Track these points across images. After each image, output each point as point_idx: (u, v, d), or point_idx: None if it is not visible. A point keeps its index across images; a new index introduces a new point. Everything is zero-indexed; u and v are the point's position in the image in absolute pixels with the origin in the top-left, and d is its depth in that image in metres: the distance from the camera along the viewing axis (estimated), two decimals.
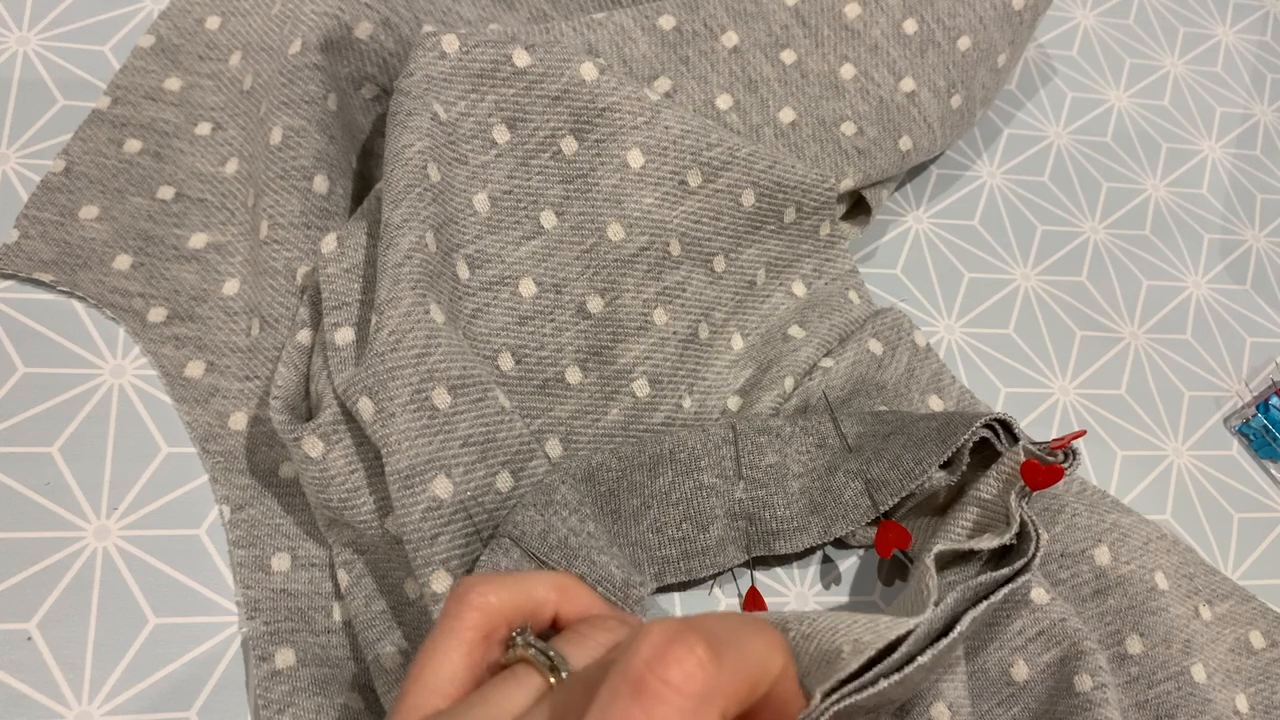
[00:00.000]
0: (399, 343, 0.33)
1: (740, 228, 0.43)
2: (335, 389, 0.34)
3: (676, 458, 0.38)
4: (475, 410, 0.34)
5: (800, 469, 0.38)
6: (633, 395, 0.40)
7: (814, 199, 0.44)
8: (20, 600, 0.33)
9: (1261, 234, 0.55)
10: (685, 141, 0.41)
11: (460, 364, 0.34)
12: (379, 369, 0.33)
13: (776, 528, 0.37)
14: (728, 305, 0.43)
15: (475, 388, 0.34)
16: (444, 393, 0.34)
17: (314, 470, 0.34)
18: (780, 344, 0.43)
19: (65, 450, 0.36)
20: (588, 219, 0.40)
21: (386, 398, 0.33)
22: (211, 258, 0.41)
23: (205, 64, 0.45)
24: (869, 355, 0.42)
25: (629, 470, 0.38)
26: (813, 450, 0.39)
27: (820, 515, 0.37)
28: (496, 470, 0.34)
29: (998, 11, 0.47)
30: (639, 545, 0.37)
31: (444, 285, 0.37)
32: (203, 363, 0.39)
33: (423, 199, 0.36)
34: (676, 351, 0.41)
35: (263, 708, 0.33)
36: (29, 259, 0.39)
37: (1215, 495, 0.45)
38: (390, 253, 0.35)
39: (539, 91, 0.40)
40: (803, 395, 0.41)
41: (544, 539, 0.33)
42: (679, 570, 0.37)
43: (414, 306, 0.34)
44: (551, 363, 0.39)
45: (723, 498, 0.37)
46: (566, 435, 0.39)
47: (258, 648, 0.34)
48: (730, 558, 0.37)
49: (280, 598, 0.35)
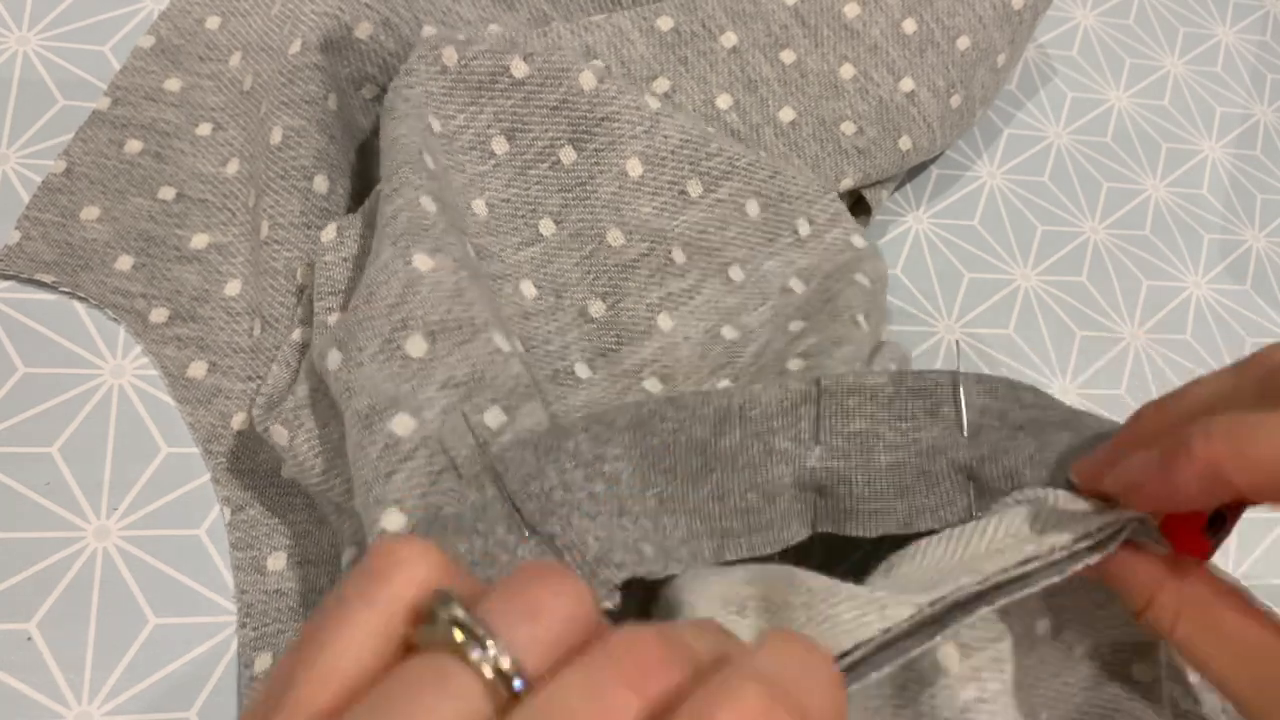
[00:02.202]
0: (372, 295, 0.32)
1: (752, 238, 0.43)
2: (311, 360, 0.33)
3: (748, 415, 0.32)
4: (459, 353, 0.32)
5: (897, 439, 0.31)
6: (645, 392, 0.40)
7: (821, 210, 0.44)
8: (20, 600, 0.33)
9: (1261, 234, 0.55)
10: (684, 151, 0.41)
11: (445, 306, 0.32)
12: (349, 320, 0.32)
13: (851, 505, 0.31)
14: (756, 311, 0.42)
15: (462, 329, 0.32)
16: (419, 339, 0.31)
17: (288, 458, 0.33)
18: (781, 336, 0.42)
19: (65, 450, 0.36)
20: (587, 225, 0.40)
21: (355, 348, 0.31)
22: (213, 258, 0.41)
23: (205, 64, 0.45)
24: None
25: (689, 423, 0.31)
26: (920, 418, 0.32)
27: (906, 501, 0.31)
28: (484, 407, 0.31)
29: (997, 11, 0.47)
30: (696, 514, 0.31)
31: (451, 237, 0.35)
32: (205, 363, 0.39)
33: (417, 172, 0.36)
34: (693, 351, 0.41)
35: (240, 716, 0.33)
36: (30, 260, 0.39)
37: None
38: (379, 219, 0.35)
39: (537, 102, 0.40)
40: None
41: (526, 483, 0.28)
42: (741, 546, 0.31)
43: (392, 259, 0.33)
44: (560, 357, 0.39)
45: (793, 465, 0.31)
46: None
47: (244, 654, 0.34)
48: (794, 533, 0.31)
49: (273, 598, 0.35)
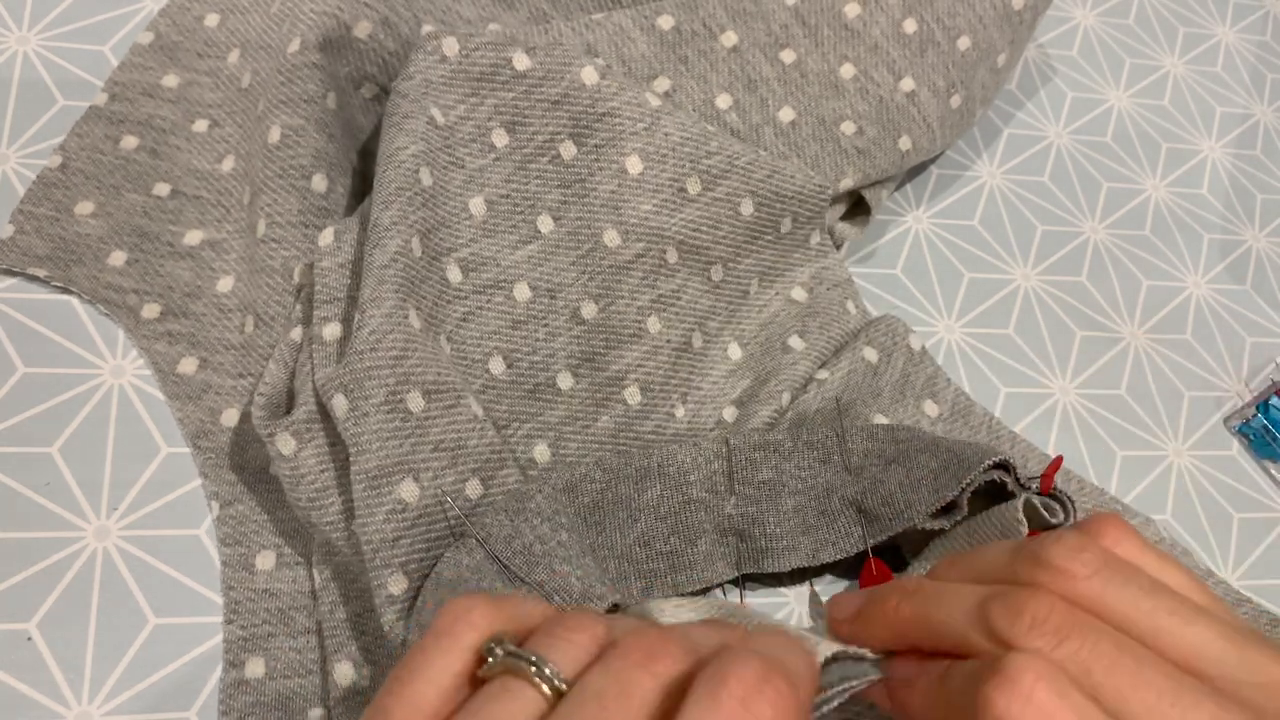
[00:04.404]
0: (379, 343, 0.33)
1: (739, 237, 0.43)
2: (315, 384, 0.34)
3: (665, 472, 0.37)
4: (448, 416, 0.34)
5: (798, 485, 0.37)
6: (624, 403, 0.40)
7: (809, 209, 0.44)
8: (20, 600, 0.33)
9: (1261, 234, 0.55)
10: (684, 149, 0.41)
11: (434, 370, 0.34)
12: (356, 367, 0.33)
13: (766, 545, 0.37)
14: (722, 314, 0.43)
15: (448, 394, 0.34)
16: (419, 397, 0.33)
17: (286, 467, 0.34)
18: (780, 355, 0.42)
19: (65, 450, 0.36)
20: (584, 224, 0.40)
21: (361, 396, 0.33)
22: (206, 255, 0.41)
23: (203, 61, 0.45)
24: (864, 364, 0.42)
25: (614, 483, 0.37)
26: (815, 466, 0.38)
27: (811, 537, 0.37)
28: (466, 477, 0.34)
29: (997, 11, 0.47)
30: (625, 558, 0.36)
31: (427, 291, 0.37)
32: (196, 359, 0.39)
33: (412, 203, 0.36)
34: (670, 360, 0.41)
35: (223, 714, 0.33)
36: (24, 254, 0.39)
37: (1215, 495, 0.45)
38: (377, 253, 0.35)
39: (539, 95, 0.40)
40: (799, 408, 0.40)
41: (509, 543, 0.33)
42: (666, 584, 0.36)
43: (395, 309, 0.34)
44: (543, 367, 0.39)
45: (712, 512, 0.37)
46: (555, 441, 0.39)
47: (230, 652, 0.34)
48: (719, 573, 0.37)
49: (261, 598, 0.35)
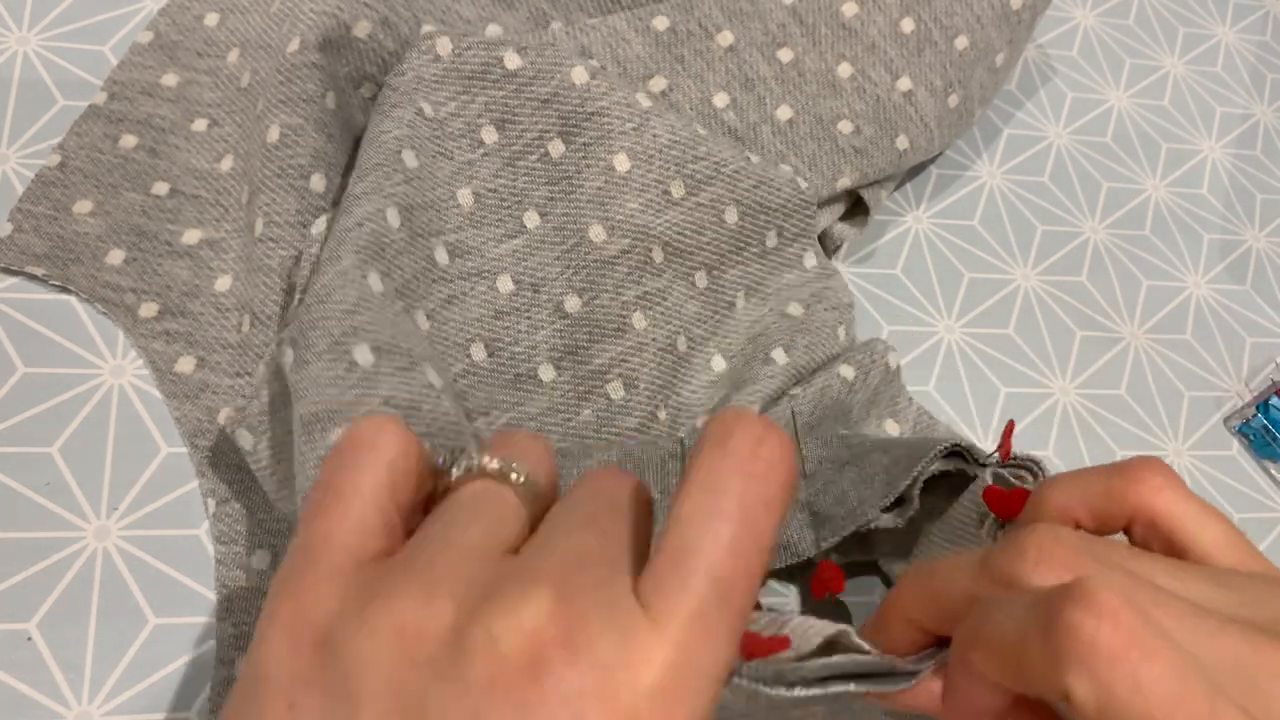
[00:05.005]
0: (328, 296, 0.32)
1: (724, 245, 0.43)
2: (265, 370, 0.33)
3: (624, 470, 0.36)
4: (400, 376, 0.32)
5: None
6: (607, 397, 0.39)
7: (795, 224, 0.44)
8: (20, 600, 0.33)
9: (1261, 234, 0.55)
10: (671, 152, 0.41)
11: (390, 333, 0.33)
12: (304, 319, 0.32)
13: None
14: (708, 323, 0.43)
15: (402, 357, 0.33)
16: (367, 350, 0.32)
17: (250, 461, 0.33)
18: (760, 366, 0.41)
19: (65, 450, 0.36)
20: (570, 220, 0.40)
21: (305, 345, 0.32)
22: (204, 254, 0.41)
23: (203, 60, 0.45)
24: (840, 380, 0.41)
25: (571, 474, 0.36)
26: None
27: None
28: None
29: (995, 11, 0.47)
30: None
31: (405, 264, 0.36)
32: (193, 358, 0.39)
33: (390, 178, 0.36)
34: (654, 358, 0.41)
35: (213, 713, 0.33)
36: (21, 252, 0.39)
37: (1215, 495, 0.45)
38: (343, 218, 0.35)
39: (529, 94, 0.40)
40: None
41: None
42: None
43: (351, 269, 0.33)
44: (525, 359, 0.39)
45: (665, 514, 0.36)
46: (536, 431, 0.38)
47: (221, 650, 0.34)
48: None
49: (255, 596, 0.35)
